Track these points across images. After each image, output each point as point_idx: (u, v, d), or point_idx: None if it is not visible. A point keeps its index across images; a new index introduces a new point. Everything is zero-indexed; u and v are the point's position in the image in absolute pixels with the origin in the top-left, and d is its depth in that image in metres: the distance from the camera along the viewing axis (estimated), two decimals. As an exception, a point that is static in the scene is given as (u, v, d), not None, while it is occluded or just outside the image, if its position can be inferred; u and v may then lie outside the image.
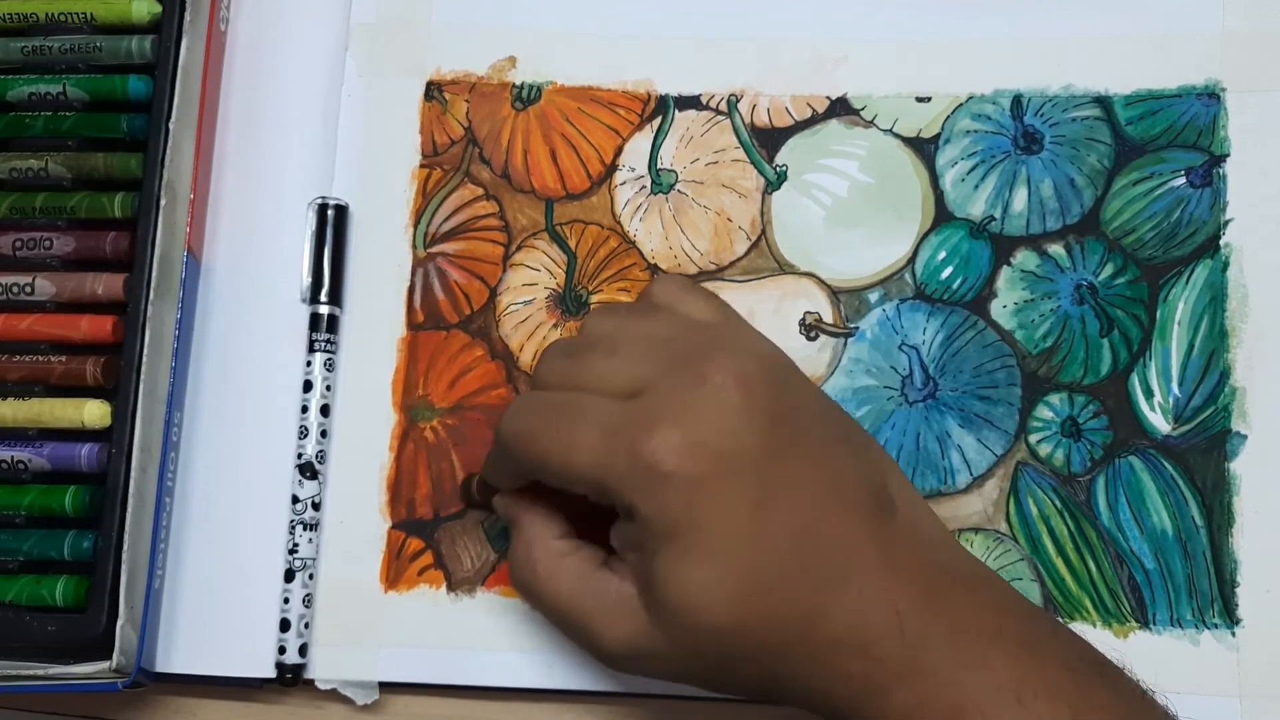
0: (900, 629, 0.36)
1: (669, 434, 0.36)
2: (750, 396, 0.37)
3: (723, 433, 0.37)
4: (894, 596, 0.37)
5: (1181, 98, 0.51)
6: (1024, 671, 0.36)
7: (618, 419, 0.38)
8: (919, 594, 0.37)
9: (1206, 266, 0.49)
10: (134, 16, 0.50)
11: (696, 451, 0.36)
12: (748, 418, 0.37)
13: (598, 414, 0.38)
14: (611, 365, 0.39)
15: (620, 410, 0.38)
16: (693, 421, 0.37)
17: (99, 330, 0.47)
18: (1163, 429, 0.48)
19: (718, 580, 0.36)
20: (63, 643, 0.45)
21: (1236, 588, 0.46)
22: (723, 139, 0.52)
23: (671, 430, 0.36)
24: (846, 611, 0.37)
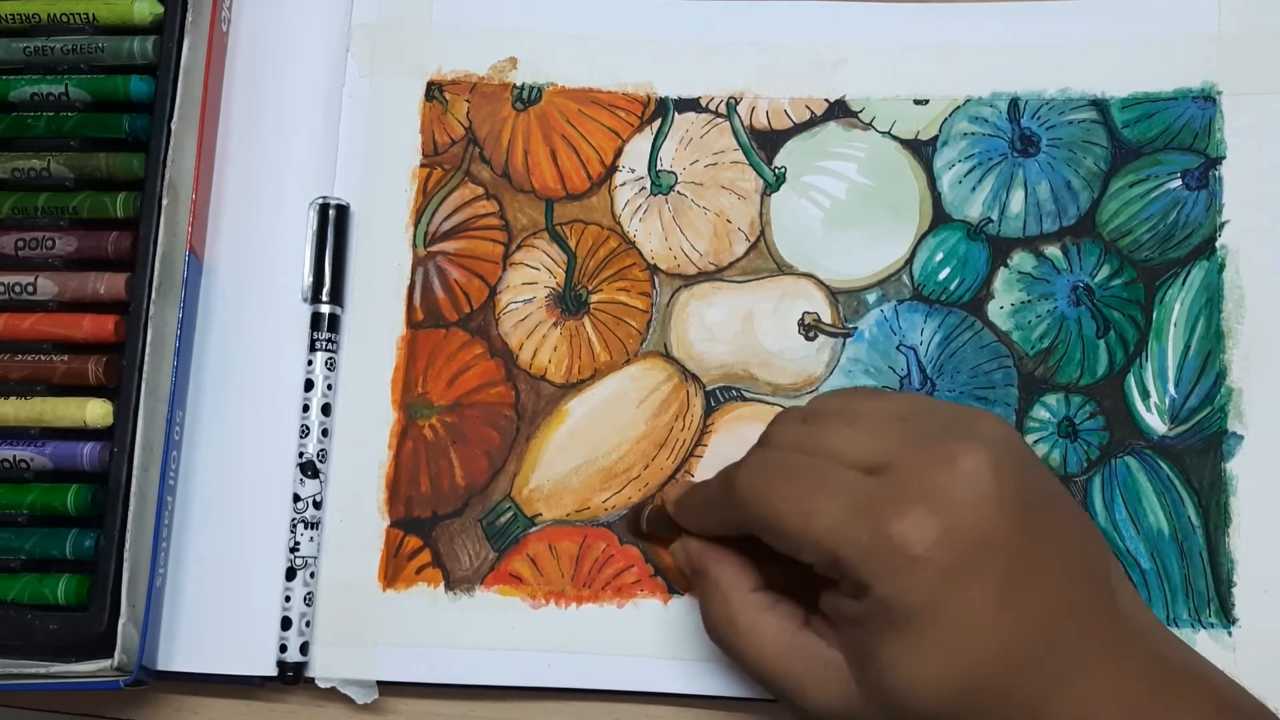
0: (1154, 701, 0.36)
1: (922, 518, 0.35)
2: (1001, 482, 0.36)
3: (976, 520, 0.35)
4: (1121, 691, 0.36)
5: (1177, 100, 0.51)
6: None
7: (863, 493, 0.36)
8: (1145, 689, 0.36)
9: (1203, 268, 0.49)
10: (136, 17, 0.50)
11: (950, 539, 0.35)
12: (999, 505, 0.36)
13: (842, 484, 0.37)
14: (852, 436, 0.38)
15: (866, 485, 0.37)
16: (947, 506, 0.35)
17: (101, 330, 0.47)
18: (1159, 429, 0.48)
19: (946, 673, 0.35)
20: (65, 641, 0.45)
21: (1233, 587, 0.47)
22: (722, 141, 0.52)
23: (925, 514, 0.35)
24: (1073, 705, 0.36)
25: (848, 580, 0.36)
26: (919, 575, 0.35)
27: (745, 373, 0.50)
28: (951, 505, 0.36)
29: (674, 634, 0.47)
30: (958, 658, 0.35)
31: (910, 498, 0.36)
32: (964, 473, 0.36)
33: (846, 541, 0.36)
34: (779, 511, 0.38)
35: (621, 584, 0.48)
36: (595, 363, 0.50)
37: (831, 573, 0.37)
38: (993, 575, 0.35)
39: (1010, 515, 0.36)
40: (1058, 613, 0.36)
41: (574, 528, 0.49)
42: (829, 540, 0.36)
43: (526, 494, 0.49)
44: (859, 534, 0.36)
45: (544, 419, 0.50)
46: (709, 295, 0.51)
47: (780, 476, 0.38)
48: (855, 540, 0.36)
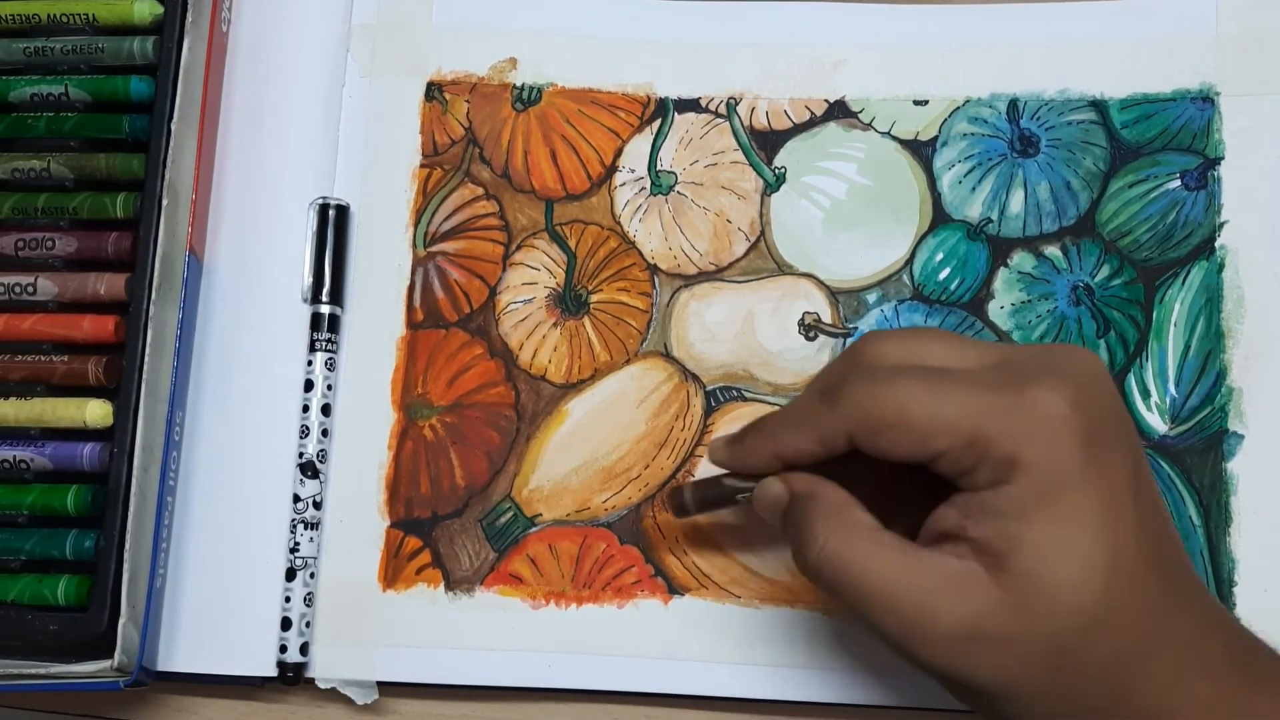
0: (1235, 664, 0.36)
1: (1060, 384, 0.35)
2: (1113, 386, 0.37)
3: (1106, 401, 0.36)
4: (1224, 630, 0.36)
5: (1176, 101, 0.51)
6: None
7: (989, 378, 0.36)
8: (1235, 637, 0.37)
9: (1202, 268, 0.49)
10: (136, 17, 0.50)
11: (1089, 406, 0.35)
12: (1118, 401, 0.37)
13: (963, 375, 0.36)
14: (956, 345, 0.38)
15: (989, 372, 0.36)
16: (1079, 381, 0.35)
17: (101, 330, 0.47)
18: (1160, 429, 0.48)
19: (1098, 553, 0.34)
20: (65, 642, 0.45)
21: (1234, 587, 0.47)
22: (722, 141, 0.52)
23: (1062, 381, 0.35)
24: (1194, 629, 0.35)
25: (987, 464, 0.35)
26: (1065, 437, 0.34)
27: (745, 373, 0.50)
28: (1081, 380, 0.35)
29: (674, 634, 0.47)
30: (1106, 538, 0.34)
31: (1040, 374, 0.35)
32: (1083, 360, 0.36)
33: (986, 414, 0.35)
34: (903, 405, 0.36)
35: (621, 584, 0.48)
36: (595, 363, 0.50)
37: (968, 458, 0.35)
38: (1126, 455, 0.35)
39: (1123, 408, 0.37)
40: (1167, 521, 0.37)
41: (574, 528, 0.49)
42: (966, 418, 0.35)
43: (526, 494, 0.49)
44: (999, 404, 0.35)
45: (544, 419, 0.50)
46: (709, 295, 0.51)
47: (894, 377, 0.37)
48: (996, 410, 0.35)
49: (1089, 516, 0.34)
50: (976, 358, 0.37)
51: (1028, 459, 0.34)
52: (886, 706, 0.46)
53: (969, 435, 0.35)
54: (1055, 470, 0.34)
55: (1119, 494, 0.35)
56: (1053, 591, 0.34)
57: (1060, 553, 0.34)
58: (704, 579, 0.48)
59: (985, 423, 0.35)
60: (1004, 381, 0.35)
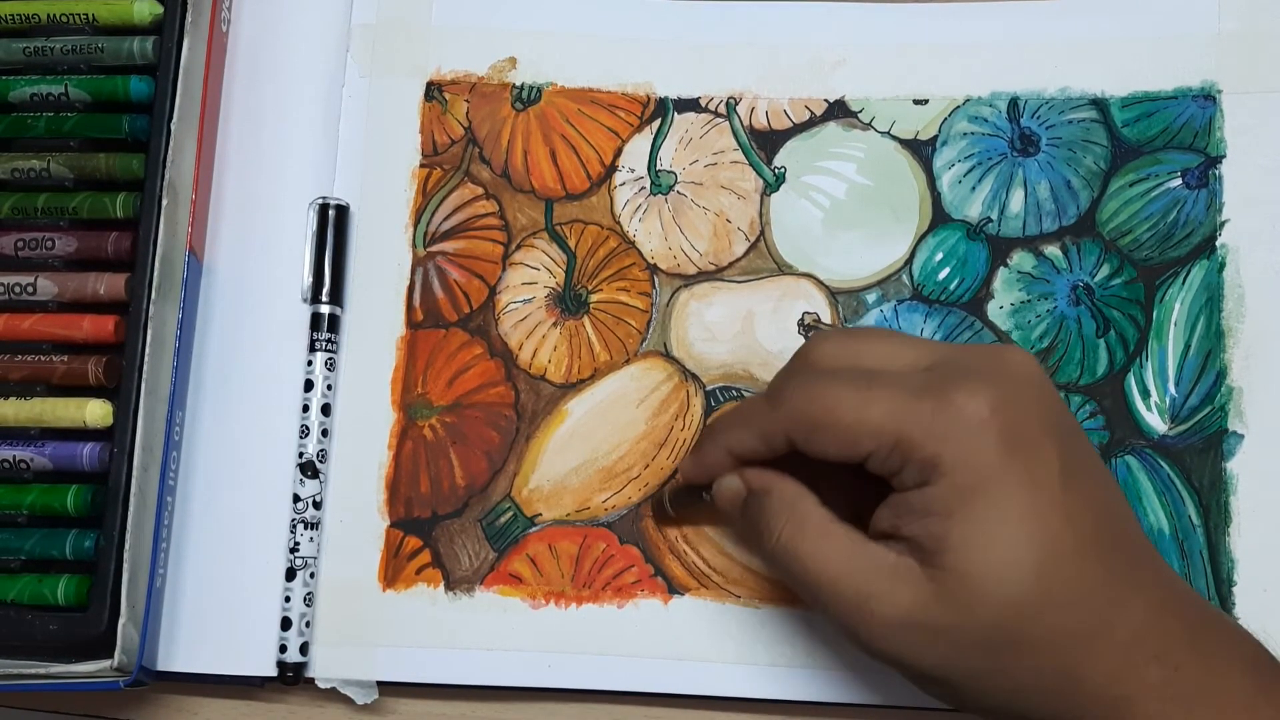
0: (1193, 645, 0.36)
1: (982, 387, 0.36)
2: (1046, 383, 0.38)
3: (1031, 400, 0.37)
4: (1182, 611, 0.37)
5: (1177, 99, 0.51)
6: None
7: (917, 382, 0.37)
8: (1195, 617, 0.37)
9: (1203, 267, 0.49)
10: (135, 17, 0.50)
11: (1008, 407, 0.36)
12: (1049, 398, 0.38)
13: (895, 378, 0.38)
14: (896, 346, 0.39)
15: (918, 376, 0.38)
16: (1006, 382, 0.37)
17: (101, 330, 0.47)
18: (1159, 429, 0.48)
19: (1025, 546, 0.35)
20: (64, 642, 0.45)
21: (1234, 587, 0.46)
22: (721, 141, 0.52)
23: (983, 384, 0.36)
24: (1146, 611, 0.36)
25: (910, 465, 0.37)
26: (984, 437, 0.36)
27: (745, 373, 0.50)
28: (1008, 381, 0.37)
29: (674, 634, 0.47)
30: (1030, 531, 0.36)
31: (969, 375, 0.37)
32: (1015, 359, 0.38)
33: (910, 417, 0.36)
34: (831, 408, 0.38)
35: (621, 584, 0.48)
36: (595, 363, 0.50)
37: (893, 459, 0.37)
38: (1051, 449, 0.36)
39: (1057, 405, 0.37)
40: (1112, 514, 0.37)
41: (574, 528, 0.49)
42: (891, 422, 0.37)
43: (526, 494, 0.49)
44: (921, 408, 0.36)
45: (544, 419, 0.50)
46: (709, 295, 0.51)
47: (828, 380, 0.39)
48: (918, 414, 0.36)
49: (1012, 512, 0.36)
50: (913, 359, 0.39)
51: (948, 460, 0.36)
52: (886, 706, 0.46)
53: (893, 438, 0.37)
54: (975, 470, 0.36)
55: (1045, 488, 0.36)
56: (982, 584, 0.36)
57: (985, 548, 0.36)
58: (704, 579, 0.48)
59: (908, 426, 0.36)
60: (930, 385, 0.37)
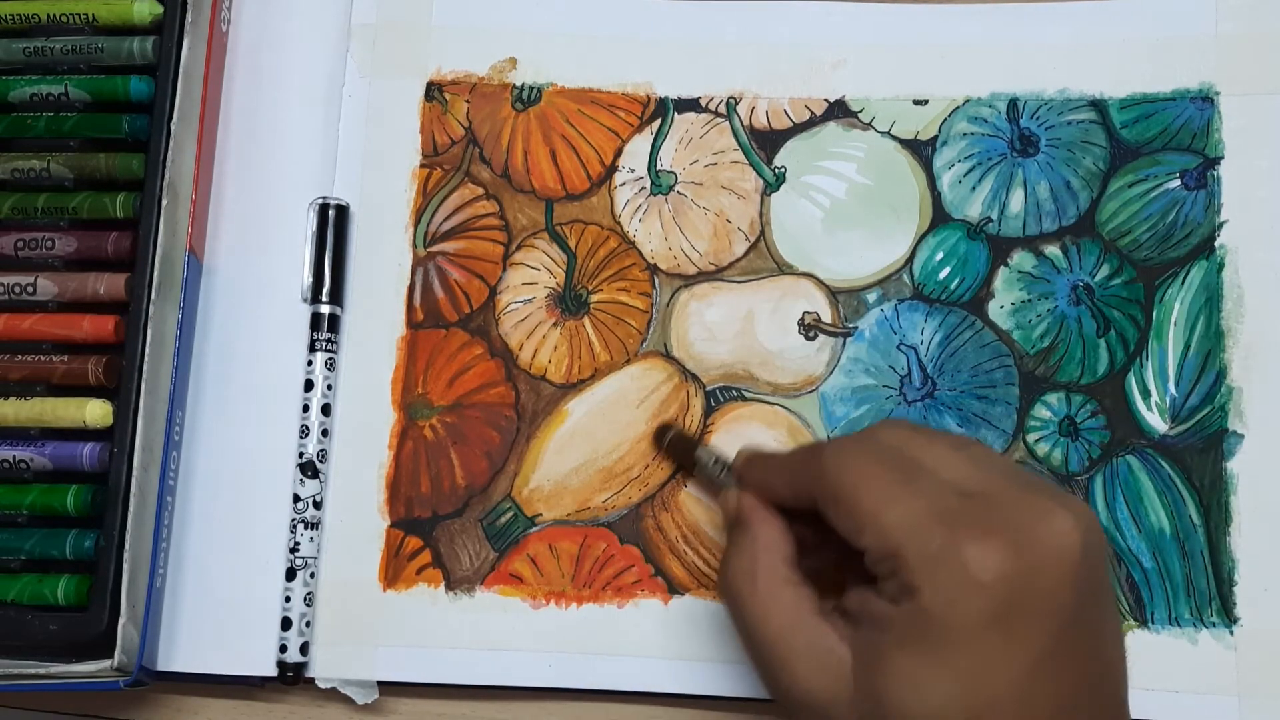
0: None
1: (1002, 549, 0.35)
2: (1084, 554, 0.35)
3: (1050, 577, 0.35)
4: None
5: (1176, 101, 0.51)
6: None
7: (949, 506, 0.36)
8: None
9: (1202, 267, 0.49)
10: (135, 17, 0.50)
11: (1018, 581, 0.35)
12: (1074, 573, 0.35)
13: (932, 490, 0.37)
14: (956, 457, 0.38)
15: (955, 500, 0.36)
16: (1027, 553, 0.35)
17: (101, 330, 0.47)
18: (1160, 428, 0.48)
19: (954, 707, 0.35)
20: (64, 642, 0.45)
21: (1234, 586, 0.47)
22: (722, 141, 0.52)
23: (1005, 548, 0.35)
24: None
25: (896, 579, 0.36)
26: (972, 601, 0.35)
27: (745, 372, 0.50)
28: (1032, 552, 0.35)
29: (674, 634, 0.47)
30: (972, 698, 0.35)
31: (994, 529, 0.35)
32: (1054, 530, 0.35)
33: (916, 539, 0.35)
34: (858, 489, 0.37)
35: (621, 584, 0.48)
36: (595, 363, 0.50)
37: (883, 566, 0.36)
38: (1040, 636, 0.35)
39: (1076, 590, 0.35)
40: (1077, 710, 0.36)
41: (574, 528, 0.49)
42: (897, 532, 0.36)
43: (527, 494, 0.49)
44: (931, 537, 0.35)
45: (544, 419, 0.50)
46: (709, 295, 0.51)
47: (873, 459, 0.38)
48: (925, 541, 0.35)
49: (965, 673, 0.35)
50: (962, 476, 0.37)
51: (927, 600, 0.35)
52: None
53: (893, 548, 0.36)
54: (948, 623, 0.35)
55: (1010, 669, 0.35)
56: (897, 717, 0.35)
57: (916, 690, 0.35)
58: (704, 579, 0.48)
59: (911, 547, 0.35)
60: (955, 517, 0.36)
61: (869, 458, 0.38)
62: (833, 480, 0.38)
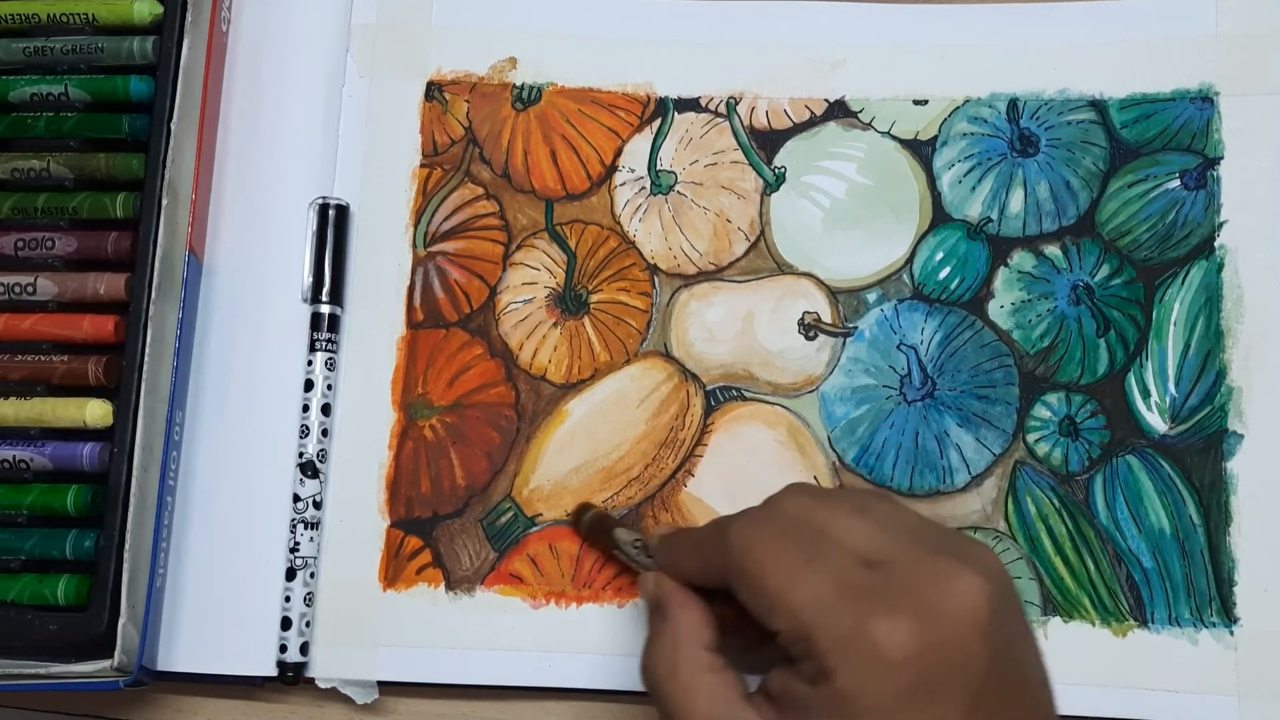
0: None
1: (909, 626, 0.34)
2: (991, 614, 0.35)
3: (959, 644, 0.34)
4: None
5: (1175, 101, 0.51)
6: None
7: (855, 580, 0.36)
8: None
9: (1202, 268, 0.49)
10: (135, 17, 0.50)
11: (928, 655, 0.34)
12: (984, 636, 0.35)
13: (837, 564, 0.36)
14: (858, 524, 0.37)
15: (860, 573, 0.36)
16: (935, 622, 0.34)
17: (101, 330, 0.47)
18: (1160, 428, 0.48)
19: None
20: (65, 641, 0.45)
21: (1234, 586, 0.47)
22: (722, 141, 0.52)
23: (911, 622, 0.34)
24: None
25: (810, 662, 0.35)
26: (886, 680, 0.34)
27: (745, 372, 0.50)
28: (940, 622, 0.35)
29: (674, 634, 0.47)
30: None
31: (901, 602, 0.35)
32: (960, 594, 0.35)
33: (824, 622, 0.35)
34: (764, 568, 0.37)
35: (621, 584, 0.48)
36: (595, 363, 0.50)
37: (796, 648, 0.36)
38: (957, 703, 0.34)
39: (989, 650, 0.35)
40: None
41: (574, 528, 0.49)
42: (806, 614, 0.35)
43: (527, 494, 0.49)
44: (839, 619, 0.35)
45: (544, 419, 0.50)
46: (709, 295, 0.51)
47: (776, 534, 0.38)
48: (833, 624, 0.35)
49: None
50: (867, 546, 0.37)
51: (841, 682, 0.34)
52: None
53: (804, 631, 0.35)
54: (863, 703, 0.34)
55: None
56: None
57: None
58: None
59: (820, 629, 0.35)
60: (861, 594, 0.35)
61: (773, 534, 0.38)
62: (738, 561, 0.38)
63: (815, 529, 0.37)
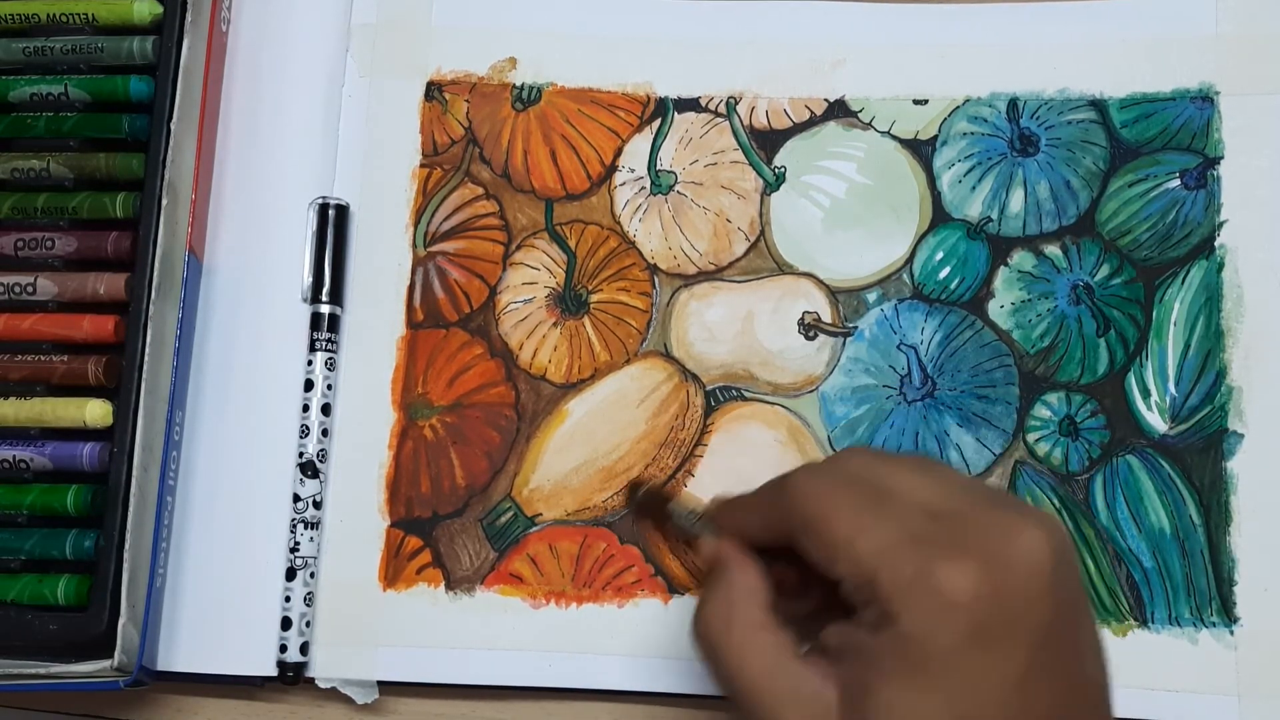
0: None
1: (975, 570, 0.34)
2: (1055, 568, 0.35)
3: (1023, 594, 0.35)
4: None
5: (1176, 101, 0.51)
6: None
7: (920, 529, 0.36)
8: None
9: (1202, 267, 0.49)
10: (135, 17, 0.50)
11: (993, 599, 0.34)
12: (1047, 588, 0.35)
13: (902, 513, 0.36)
14: (923, 479, 0.38)
15: (925, 523, 0.36)
16: (1000, 571, 0.35)
17: (101, 330, 0.47)
18: (1160, 428, 0.48)
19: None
20: (65, 641, 0.45)
21: (1234, 586, 0.47)
22: (722, 140, 0.52)
23: (979, 568, 0.34)
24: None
25: (874, 607, 0.35)
26: (950, 623, 0.34)
27: (745, 372, 0.50)
28: (1005, 570, 0.35)
29: (674, 634, 0.47)
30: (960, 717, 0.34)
31: (967, 549, 0.35)
32: (1025, 546, 0.35)
33: (889, 565, 0.35)
34: (828, 516, 0.37)
35: (622, 584, 0.48)
36: (595, 363, 0.50)
37: (859, 595, 0.36)
38: (1020, 652, 0.35)
39: (1052, 604, 0.35)
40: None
41: (574, 527, 0.49)
42: (872, 559, 0.35)
43: (527, 494, 0.49)
44: (905, 563, 0.35)
45: (544, 419, 0.50)
46: (709, 295, 0.51)
47: (840, 485, 0.38)
48: (899, 567, 0.35)
49: (950, 696, 0.34)
50: (930, 499, 0.37)
51: (906, 626, 0.34)
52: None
53: (868, 576, 0.35)
54: (928, 647, 0.34)
55: (994, 687, 0.34)
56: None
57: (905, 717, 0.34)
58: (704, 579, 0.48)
59: (885, 574, 0.35)
60: (926, 541, 0.35)
61: (836, 485, 0.38)
62: (801, 511, 0.38)
63: (879, 482, 0.38)
